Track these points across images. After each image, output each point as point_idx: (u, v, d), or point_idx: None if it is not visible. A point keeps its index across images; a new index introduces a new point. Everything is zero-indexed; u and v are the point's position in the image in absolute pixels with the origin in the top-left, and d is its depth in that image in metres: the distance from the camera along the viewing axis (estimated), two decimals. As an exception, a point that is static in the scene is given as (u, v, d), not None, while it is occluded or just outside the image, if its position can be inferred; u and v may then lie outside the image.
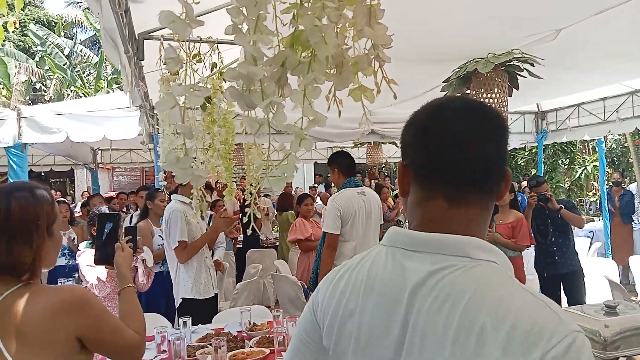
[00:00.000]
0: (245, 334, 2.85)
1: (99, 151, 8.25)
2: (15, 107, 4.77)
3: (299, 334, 0.90)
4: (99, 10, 1.58)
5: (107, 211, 2.80)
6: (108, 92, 16.72)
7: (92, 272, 2.89)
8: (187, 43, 2.75)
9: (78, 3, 22.91)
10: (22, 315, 1.25)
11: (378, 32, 0.72)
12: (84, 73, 18.46)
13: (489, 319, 0.64)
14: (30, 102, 17.68)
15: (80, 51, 18.62)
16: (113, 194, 9.10)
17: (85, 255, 2.99)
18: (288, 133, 0.74)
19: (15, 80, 16.25)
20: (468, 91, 3.20)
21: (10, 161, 4.39)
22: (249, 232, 0.98)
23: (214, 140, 2.96)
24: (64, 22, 20.97)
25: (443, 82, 3.37)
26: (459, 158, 0.76)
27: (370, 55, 0.74)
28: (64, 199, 7.79)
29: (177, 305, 3.48)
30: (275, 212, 7.25)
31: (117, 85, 17.51)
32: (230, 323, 3.13)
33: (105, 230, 2.05)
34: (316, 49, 0.71)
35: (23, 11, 17.46)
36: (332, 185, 9.41)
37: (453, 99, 0.84)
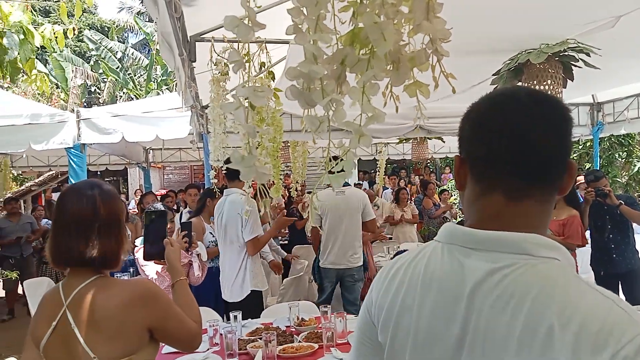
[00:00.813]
0: (293, 329, 2.89)
1: (151, 150, 8.56)
2: (73, 109, 5.03)
3: (357, 333, 0.91)
4: (156, 15, 1.65)
5: (162, 208, 2.92)
6: (158, 94, 17.30)
7: (151, 266, 3.01)
8: (237, 43, 2.82)
9: (129, 8, 23.82)
10: (97, 307, 1.33)
11: (437, 26, 0.72)
12: (135, 75, 19.16)
13: (557, 319, 0.63)
14: (85, 104, 18.55)
15: (132, 54, 19.35)
16: (164, 191, 9.44)
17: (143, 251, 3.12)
18: (346, 130, 0.75)
19: (72, 84, 17.09)
20: (520, 83, 3.11)
21: (71, 161, 4.62)
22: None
23: (262, 139, 3.02)
24: (116, 26, 21.84)
25: (493, 74, 3.28)
26: (516, 150, 0.74)
27: (428, 50, 0.74)
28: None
29: (242, 299, 3.54)
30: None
31: (166, 87, 18.08)
32: (278, 318, 3.18)
33: (154, 226, 2.13)
34: (375, 46, 0.71)
35: (79, 18, 18.30)
36: (377, 182, 9.36)
37: (512, 88, 0.82)
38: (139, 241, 3.46)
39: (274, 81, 2.97)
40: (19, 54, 3.55)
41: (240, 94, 0.71)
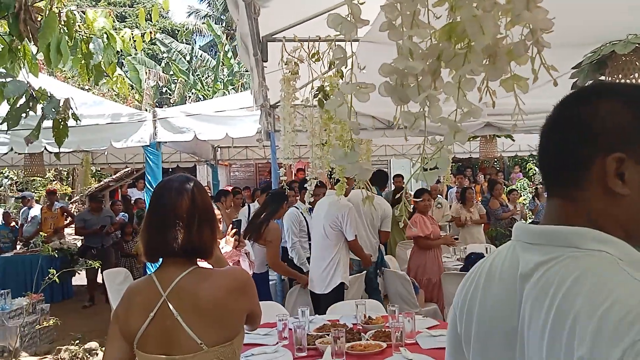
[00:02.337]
0: (360, 327, 2.89)
1: (219, 148, 8.84)
2: (146, 109, 5.30)
3: (447, 334, 0.95)
4: (237, 16, 1.70)
5: None
6: (224, 94, 17.85)
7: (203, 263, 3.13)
8: (308, 42, 2.85)
9: (197, 12, 24.81)
10: (202, 296, 1.37)
11: (538, 16, 0.70)
12: (202, 76, 19.88)
13: (585, 305, 0.61)
14: (157, 104, 19.47)
15: (200, 56, 20.10)
16: (230, 188, 9.75)
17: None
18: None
19: (145, 85, 18.00)
20: (602, 77, 2.93)
21: (148, 158, 4.87)
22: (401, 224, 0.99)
23: (330, 137, 3.04)
24: (186, 29, 22.77)
25: (572, 68, 3.11)
26: (546, 148, 0.77)
27: (527, 42, 0.72)
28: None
29: (330, 290, 4.07)
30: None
31: (232, 87, 18.62)
32: (344, 315, 3.20)
33: None
34: (473, 40, 0.70)
35: (153, 22, 19.27)
36: (441, 180, 9.14)
37: (583, 86, 0.83)
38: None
39: (342, 79, 2.98)
40: (102, 58, 3.78)
41: (345, 91, 0.71)
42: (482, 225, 7.17)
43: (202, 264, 3.18)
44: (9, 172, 14.53)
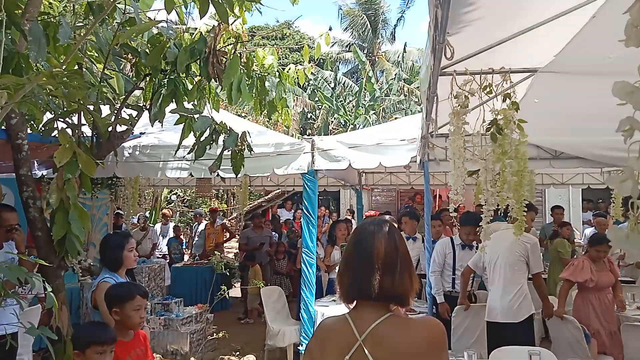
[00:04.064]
0: (534, 379, 2.66)
1: (364, 174, 8.99)
2: (292, 134, 5.55)
3: None
4: (431, 61, 1.71)
5: None
6: (365, 119, 18.19)
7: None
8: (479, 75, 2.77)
9: (341, 42, 25.94)
10: (401, 345, 1.33)
11: None
12: (345, 101, 20.56)
13: None
14: (302, 129, 20.55)
15: (344, 83, 20.85)
16: (372, 213, 9.87)
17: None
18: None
19: (293, 112, 19.16)
20: None
21: (305, 185, 5.12)
22: None
23: (504, 172, 2.88)
24: (330, 58, 23.87)
25: None
26: None
27: None
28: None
29: (522, 320, 4.14)
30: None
31: (373, 112, 18.91)
32: (512, 363, 2.97)
33: None
34: None
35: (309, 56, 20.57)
36: (611, 213, 8.12)
37: None
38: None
39: (517, 112, 2.82)
40: (275, 94, 4.10)
41: (635, 167, 0.65)
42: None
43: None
44: (177, 190, 16.48)
